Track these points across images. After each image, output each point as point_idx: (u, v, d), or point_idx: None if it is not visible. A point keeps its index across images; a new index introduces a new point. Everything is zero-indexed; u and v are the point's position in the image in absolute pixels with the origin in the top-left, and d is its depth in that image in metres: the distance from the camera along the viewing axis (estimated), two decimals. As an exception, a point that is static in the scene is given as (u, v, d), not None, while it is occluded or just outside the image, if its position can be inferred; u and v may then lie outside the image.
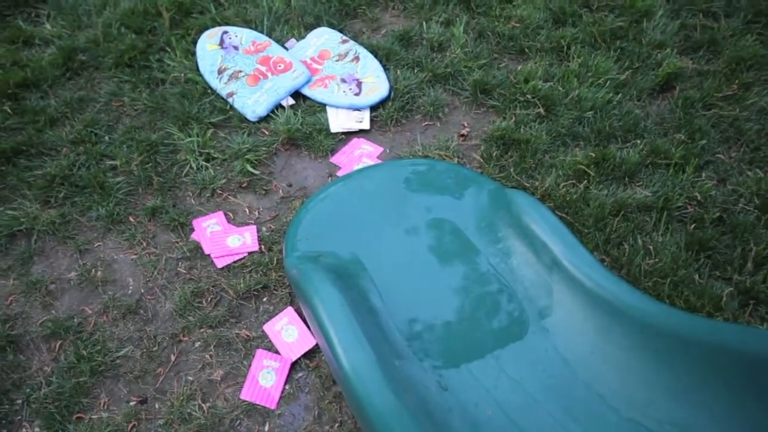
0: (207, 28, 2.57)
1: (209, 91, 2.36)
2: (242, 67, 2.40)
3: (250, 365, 1.66)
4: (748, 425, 1.27)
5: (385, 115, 2.29)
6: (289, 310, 1.77)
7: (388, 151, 2.20)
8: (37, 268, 1.87)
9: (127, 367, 1.67)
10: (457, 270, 1.70)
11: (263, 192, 2.07)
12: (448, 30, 2.60)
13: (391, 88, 2.36)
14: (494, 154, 2.14)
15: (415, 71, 2.43)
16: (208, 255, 1.89)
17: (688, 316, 1.41)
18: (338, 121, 2.26)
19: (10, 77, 2.34)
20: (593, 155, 2.10)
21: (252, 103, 2.27)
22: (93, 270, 1.86)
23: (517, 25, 2.62)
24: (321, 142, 2.19)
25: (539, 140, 2.17)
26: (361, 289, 1.62)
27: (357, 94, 2.31)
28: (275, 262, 1.87)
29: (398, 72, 2.42)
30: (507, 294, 1.65)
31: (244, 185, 2.08)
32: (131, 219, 1.98)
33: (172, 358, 1.69)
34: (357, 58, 2.45)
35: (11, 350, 1.69)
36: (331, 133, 2.23)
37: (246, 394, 1.61)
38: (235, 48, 2.47)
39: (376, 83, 2.34)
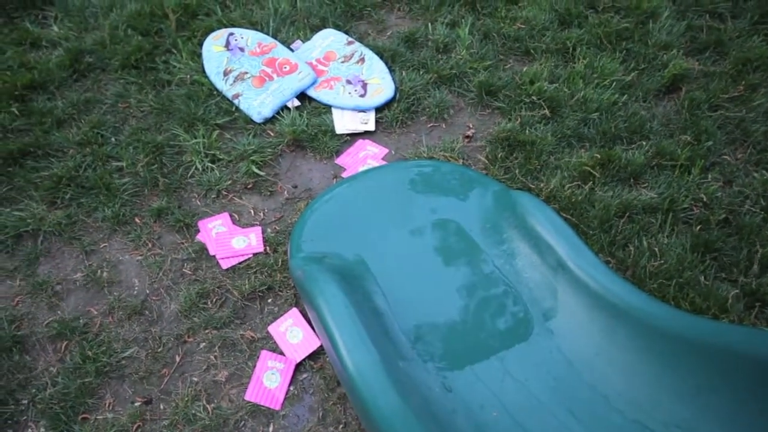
0: (213, 30, 2.58)
1: (215, 92, 2.37)
2: (248, 69, 2.40)
3: (254, 366, 1.67)
4: (754, 428, 1.26)
5: (390, 117, 2.29)
6: (294, 311, 1.77)
7: (393, 152, 2.20)
8: (43, 268, 1.88)
9: (132, 367, 1.68)
10: (461, 271, 1.70)
11: (268, 193, 2.08)
12: (454, 31, 2.60)
13: (396, 90, 2.36)
14: (499, 155, 2.14)
15: (421, 73, 2.44)
16: (214, 256, 1.90)
17: (694, 318, 1.41)
18: (343, 122, 2.26)
19: (18, 79, 2.35)
20: (598, 156, 2.10)
21: (257, 104, 2.28)
22: (99, 271, 1.87)
23: (523, 26, 2.62)
24: (326, 143, 2.19)
25: (544, 141, 2.16)
26: (365, 290, 1.62)
27: (362, 96, 2.31)
28: (280, 263, 1.87)
29: (404, 73, 2.42)
30: (511, 295, 1.65)
31: (249, 186, 2.09)
32: (137, 220, 1.99)
33: (177, 358, 1.70)
34: (362, 60, 2.45)
35: (17, 351, 1.69)
36: (337, 135, 2.23)
37: (250, 395, 1.61)
38: (241, 50, 2.48)
39: (382, 85, 2.35)
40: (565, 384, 1.48)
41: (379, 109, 2.32)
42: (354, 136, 2.25)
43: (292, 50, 2.55)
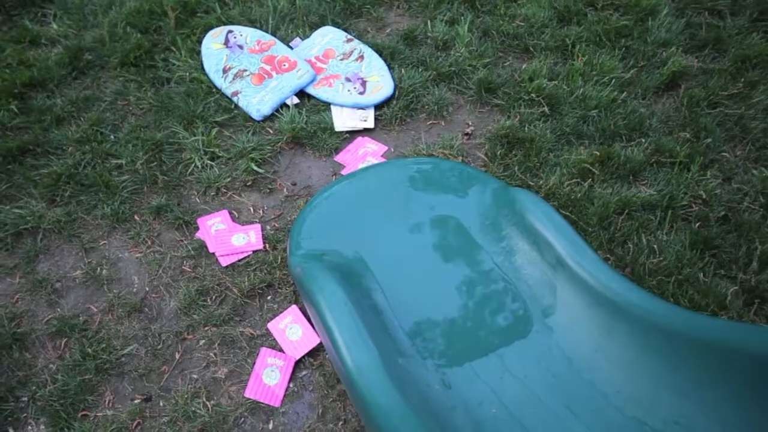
0: (212, 28, 2.58)
1: (214, 90, 2.37)
2: (247, 66, 2.40)
3: (254, 363, 1.67)
4: (753, 424, 1.26)
5: (389, 114, 2.29)
6: (294, 308, 1.77)
7: (392, 149, 2.20)
8: (42, 266, 1.88)
9: (131, 365, 1.68)
10: (461, 268, 1.70)
11: (268, 191, 2.08)
12: (453, 29, 2.60)
13: (395, 87, 2.36)
14: (498, 152, 2.14)
15: (420, 70, 2.43)
16: (213, 253, 1.90)
17: (693, 315, 1.41)
18: (343, 119, 2.26)
19: (17, 77, 2.35)
20: (598, 154, 2.10)
21: (257, 102, 2.28)
22: (98, 268, 1.87)
23: (522, 23, 2.62)
24: (325, 140, 2.20)
25: (544, 139, 2.16)
26: (364, 287, 1.62)
27: (361, 93, 2.31)
28: (279, 260, 1.87)
29: (403, 71, 2.42)
30: (511, 292, 1.65)
31: (248, 184, 2.09)
32: (136, 217, 1.99)
33: (177, 356, 1.70)
34: (361, 57, 2.45)
35: (17, 348, 1.69)
36: (336, 132, 2.23)
37: (250, 392, 1.62)
38: (240, 47, 2.48)
39: (381, 82, 2.35)
40: (564, 381, 1.49)
41: (378, 107, 2.32)
42: (353, 134, 2.25)
43: (291, 48, 2.55)
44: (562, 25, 2.64)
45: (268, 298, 1.82)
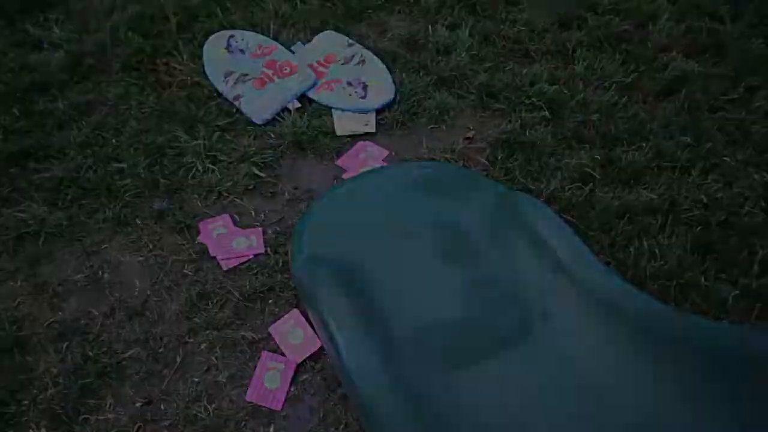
0: (214, 32, 2.58)
1: (216, 94, 2.37)
2: (249, 71, 2.41)
3: (255, 367, 1.67)
4: (755, 428, 1.26)
5: (390, 118, 2.29)
6: (295, 312, 1.77)
7: (393, 154, 2.21)
8: (44, 270, 1.88)
9: (133, 368, 1.68)
10: (461, 272, 1.69)
11: (269, 195, 2.08)
12: (454, 33, 2.60)
13: (396, 92, 2.37)
14: (500, 157, 2.14)
15: (421, 74, 2.44)
16: (214, 257, 1.90)
17: (694, 319, 1.41)
18: (344, 124, 2.27)
19: (19, 81, 2.36)
20: (599, 158, 2.10)
21: (258, 106, 2.28)
22: (100, 272, 1.87)
23: (523, 28, 2.62)
24: (327, 145, 2.20)
25: (545, 143, 2.17)
26: (366, 291, 1.62)
27: (363, 98, 2.32)
28: (281, 264, 1.87)
29: (404, 75, 2.43)
30: (511, 296, 1.64)
31: (250, 188, 2.09)
32: (138, 221, 1.99)
33: (178, 359, 1.70)
34: (363, 62, 2.46)
35: (18, 351, 1.69)
36: (337, 136, 2.24)
37: (251, 396, 1.61)
38: (242, 52, 2.48)
39: (382, 86, 2.35)
40: (564, 385, 1.48)
41: (379, 111, 2.33)
42: (354, 138, 2.25)
43: (292, 52, 2.55)
44: (563, 30, 2.65)
45: (270, 301, 1.82)
